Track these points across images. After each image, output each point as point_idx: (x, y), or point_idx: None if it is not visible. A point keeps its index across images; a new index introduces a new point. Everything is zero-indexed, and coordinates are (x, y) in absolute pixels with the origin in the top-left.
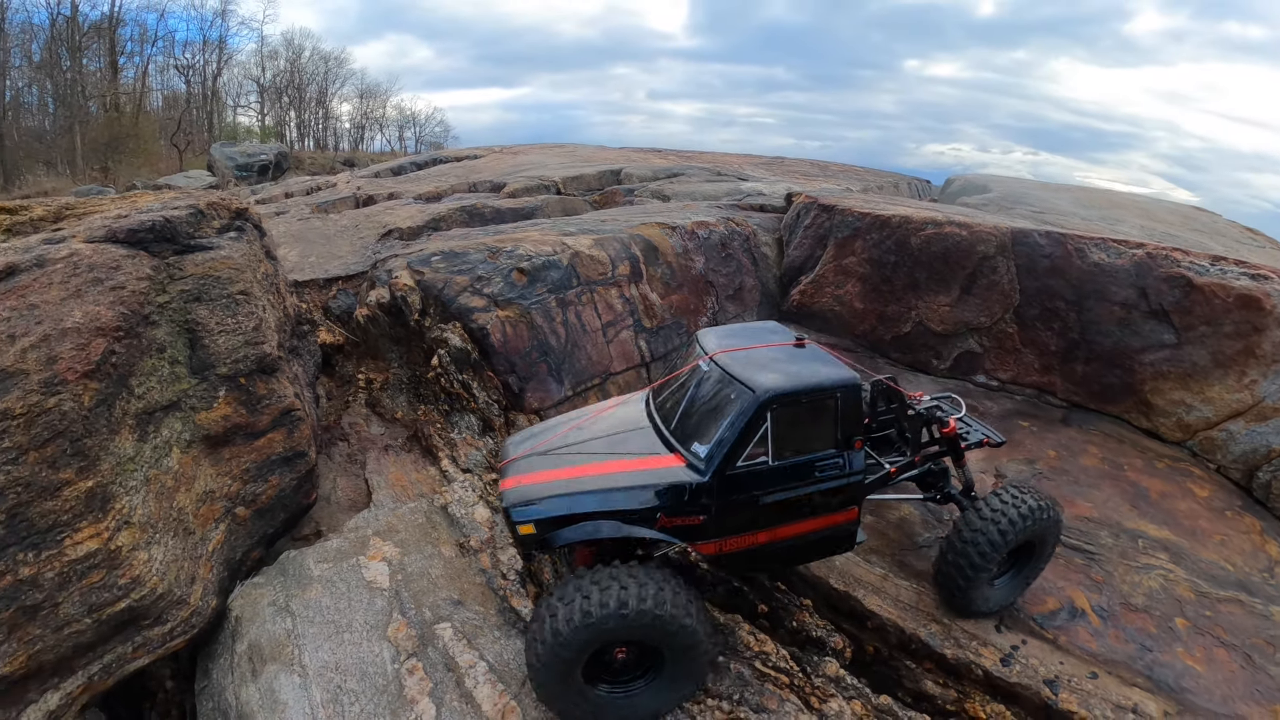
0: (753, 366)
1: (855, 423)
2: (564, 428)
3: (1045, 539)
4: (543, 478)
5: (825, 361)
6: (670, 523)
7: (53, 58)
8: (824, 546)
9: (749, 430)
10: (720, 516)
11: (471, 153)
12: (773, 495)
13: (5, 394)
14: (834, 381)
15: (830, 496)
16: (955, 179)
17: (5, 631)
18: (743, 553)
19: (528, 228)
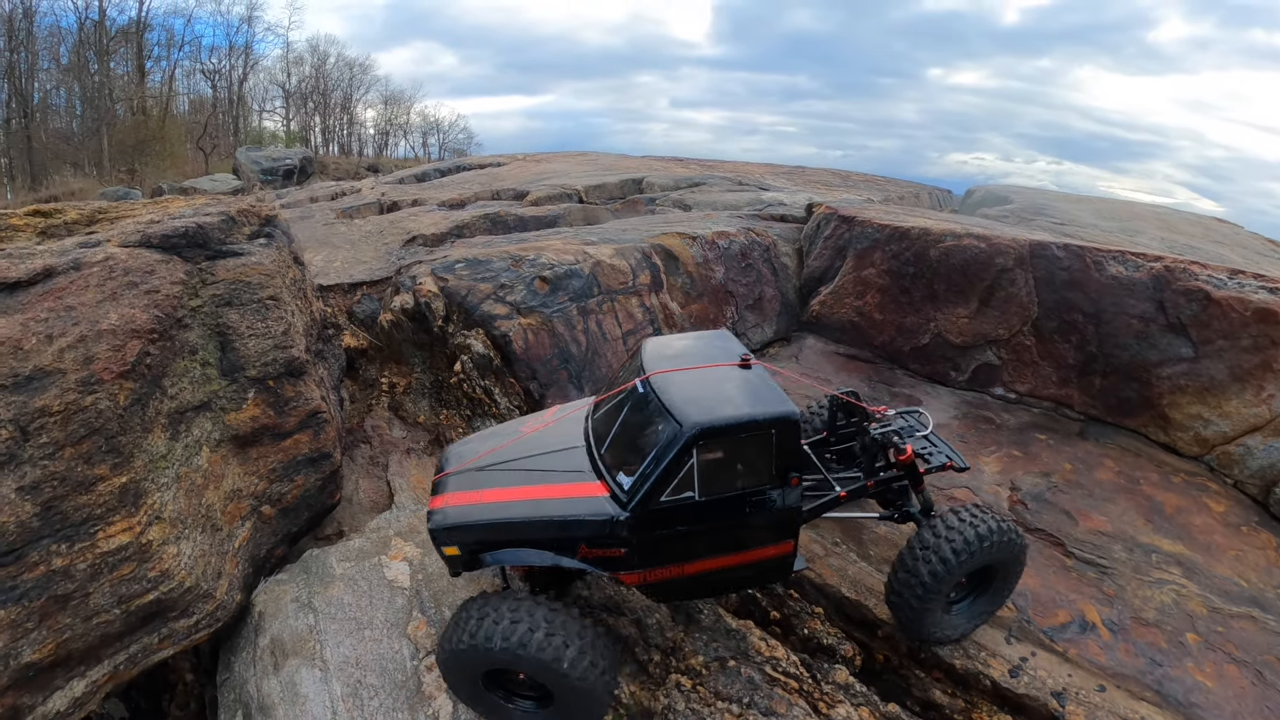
0: (685, 394)
1: (791, 457)
2: (504, 439)
3: (1008, 565)
4: (469, 499)
5: (764, 389)
6: (591, 554)
7: (80, 61)
8: (757, 578)
9: (674, 466)
10: (643, 550)
11: (495, 160)
12: (700, 530)
13: (43, 392)
14: (768, 416)
15: (763, 531)
16: (976, 190)
17: (36, 620)
18: (669, 583)
19: (550, 236)
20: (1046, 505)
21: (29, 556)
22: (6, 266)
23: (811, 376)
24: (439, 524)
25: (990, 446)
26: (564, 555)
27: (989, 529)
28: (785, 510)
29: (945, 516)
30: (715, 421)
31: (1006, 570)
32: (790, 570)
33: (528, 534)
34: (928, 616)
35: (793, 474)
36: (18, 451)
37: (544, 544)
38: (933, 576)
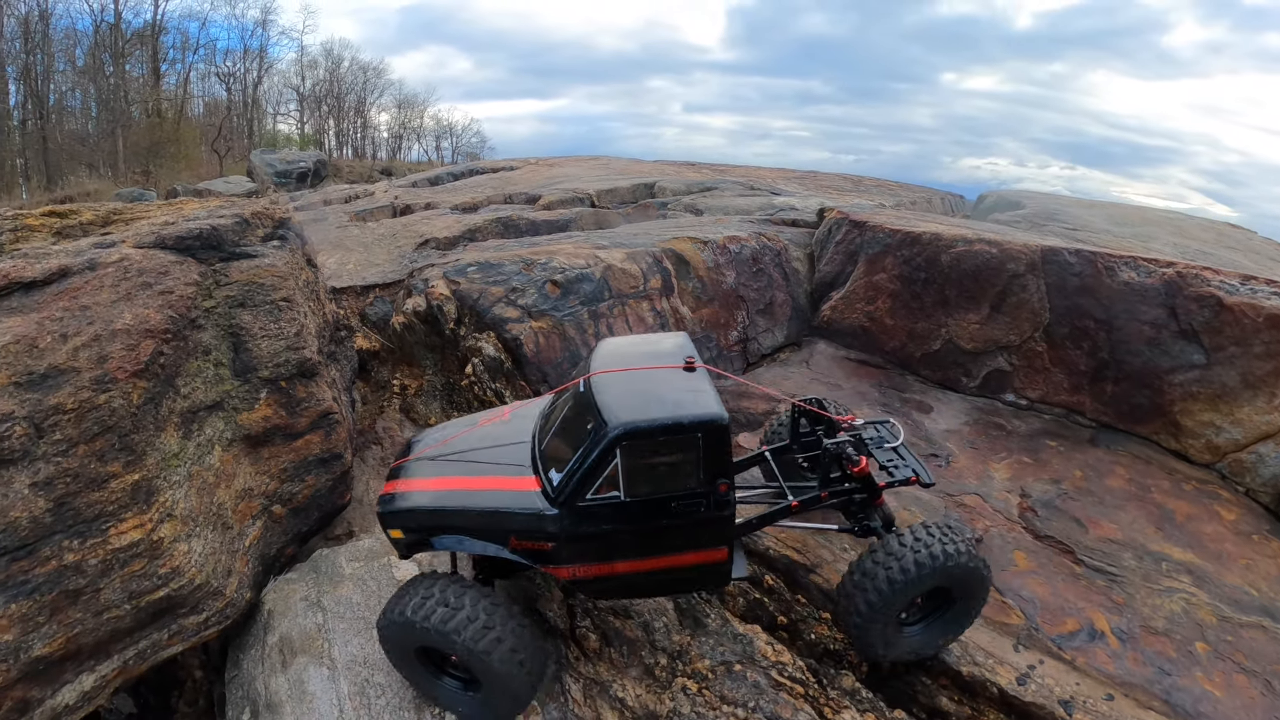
0: (617, 395)
1: (719, 462)
2: (465, 429)
3: (968, 589)
4: (416, 486)
5: (698, 393)
6: (521, 545)
7: (96, 63)
8: (692, 581)
9: (599, 465)
10: (570, 546)
11: (508, 164)
12: (627, 531)
13: (57, 390)
14: (695, 420)
15: (692, 536)
16: (988, 195)
17: (47, 614)
18: (599, 580)
19: (561, 240)
20: (1057, 512)
21: (41, 551)
22: (23, 266)
23: (776, 392)
24: (385, 508)
25: (1001, 453)
26: (496, 545)
27: (941, 552)
28: (715, 516)
29: (900, 534)
30: (640, 422)
31: (966, 596)
32: (727, 577)
33: (464, 522)
34: (874, 633)
35: (721, 480)
36: (31, 448)
37: (479, 533)
38: (878, 594)
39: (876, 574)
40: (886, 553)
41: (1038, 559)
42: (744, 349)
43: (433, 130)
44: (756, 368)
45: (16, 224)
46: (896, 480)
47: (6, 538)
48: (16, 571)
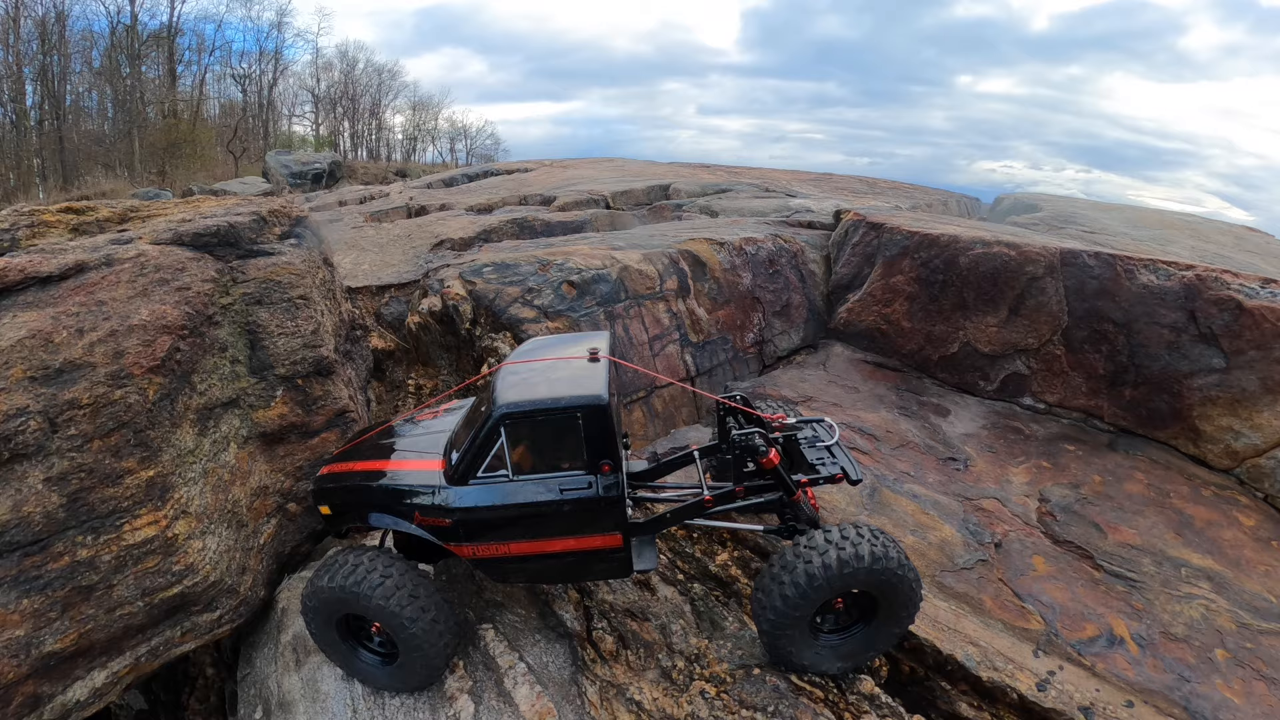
0: (512, 381)
1: (602, 443)
2: (427, 414)
3: (894, 599)
4: (348, 467)
5: (587, 378)
6: (425, 522)
7: (113, 64)
8: (592, 568)
9: (486, 444)
10: (467, 524)
11: (522, 166)
12: (516, 510)
13: (73, 384)
14: (574, 401)
15: (581, 518)
16: (1005, 197)
17: (59, 609)
18: (497, 560)
19: (577, 241)
20: (1075, 517)
21: (54, 547)
22: (39, 261)
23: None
24: (315, 486)
25: (1019, 457)
26: (404, 520)
27: (870, 553)
28: (602, 498)
29: (829, 530)
30: (522, 402)
31: (891, 607)
32: (628, 567)
33: (379, 500)
34: (787, 635)
35: (604, 460)
36: (46, 443)
37: (392, 509)
38: (794, 590)
39: (795, 568)
40: (808, 547)
41: (1057, 564)
42: (760, 351)
43: (447, 132)
44: (773, 370)
45: (33, 220)
46: (821, 477)
47: (19, 533)
48: (29, 567)
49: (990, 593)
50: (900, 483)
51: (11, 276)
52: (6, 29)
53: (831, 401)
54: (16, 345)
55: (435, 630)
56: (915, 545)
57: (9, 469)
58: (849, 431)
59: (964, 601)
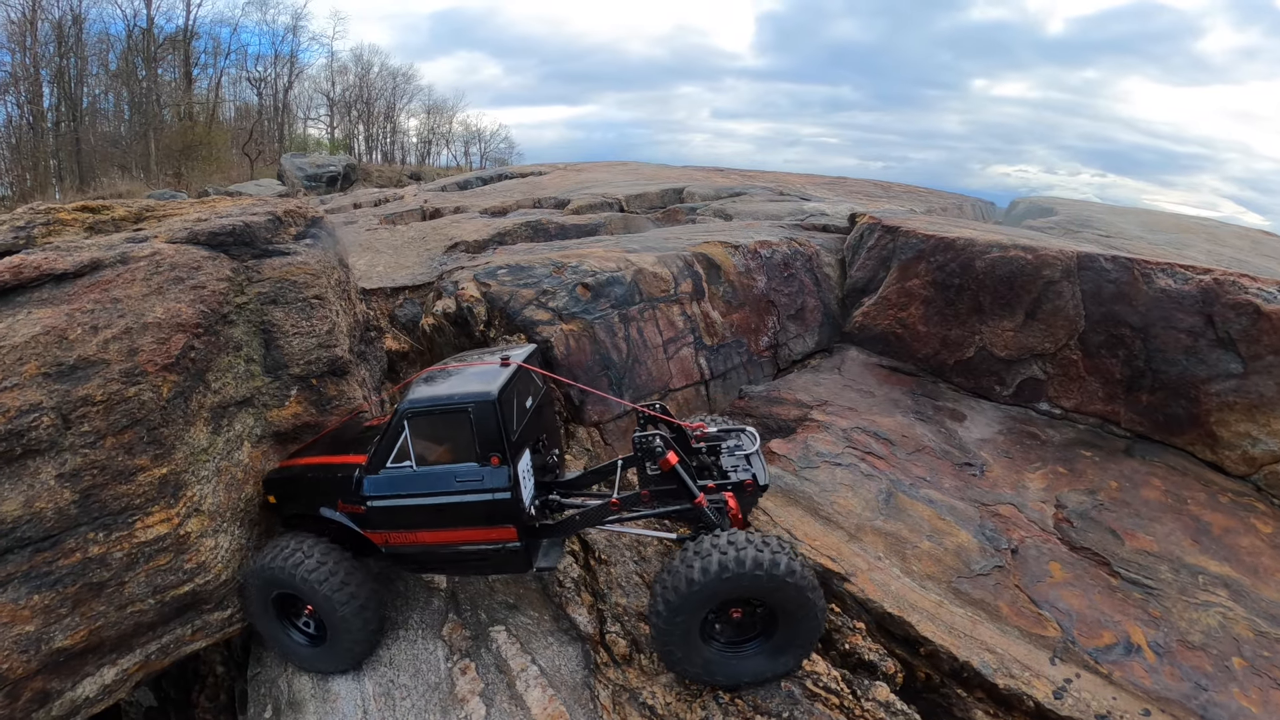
0: (424, 384)
1: (491, 439)
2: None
3: (791, 613)
4: (300, 460)
5: (485, 379)
6: (345, 509)
7: (129, 67)
8: (492, 561)
9: (394, 437)
10: (379, 512)
11: (536, 169)
12: (418, 499)
13: (86, 381)
14: (464, 398)
15: (476, 510)
16: (1020, 201)
17: (70, 606)
18: (407, 549)
19: (591, 244)
20: (1092, 524)
21: (65, 543)
22: (54, 258)
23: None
24: (266, 475)
25: (1035, 463)
26: (329, 508)
27: (755, 559)
28: (493, 489)
29: (702, 540)
30: (421, 399)
31: (789, 622)
32: (527, 563)
33: (310, 489)
34: (675, 639)
35: (493, 454)
36: (59, 439)
37: (320, 498)
38: (677, 593)
39: (679, 571)
40: (696, 550)
41: (1073, 570)
42: (775, 354)
43: (461, 136)
44: (787, 373)
45: (49, 218)
46: (728, 482)
47: (31, 528)
48: (40, 563)
49: (1007, 599)
50: (916, 488)
51: (27, 273)
52: (24, 31)
53: (847, 405)
54: (31, 341)
55: (363, 616)
56: (931, 551)
57: (21, 464)
58: (864, 435)
59: (980, 608)
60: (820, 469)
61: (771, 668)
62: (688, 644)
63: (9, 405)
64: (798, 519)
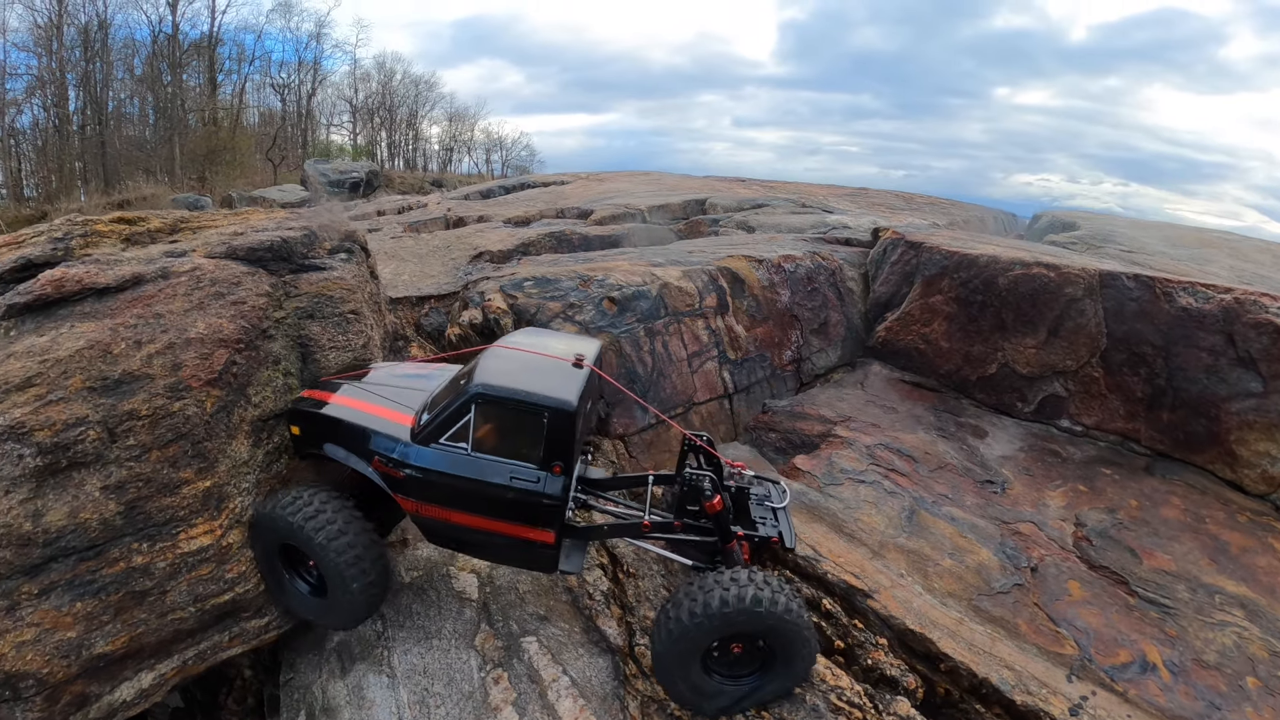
0: (497, 365)
1: (562, 447)
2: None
3: (787, 648)
4: (328, 397)
5: (563, 382)
6: (380, 469)
7: (154, 72)
8: (519, 555)
9: (455, 416)
10: (417, 481)
11: (559, 179)
12: (465, 483)
13: (131, 396)
14: (543, 400)
15: (521, 508)
16: (1042, 215)
17: (112, 613)
18: (436, 523)
19: (616, 257)
20: (1111, 542)
21: (110, 553)
22: (95, 272)
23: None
24: (294, 406)
25: (1055, 480)
26: (364, 461)
27: (755, 596)
28: (546, 495)
29: (705, 576)
30: (497, 387)
31: (785, 657)
32: (554, 564)
33: (345, 435)
34: (674, 669)
35: (556, 462)
36: (104, 452)
37: (354, 448)
38: (678, 625)
39: (682, 604)
40: (700, 585)
41: (1092, 589)
42: (798, 369)
43: (483, 143)
44: (810, 388)
45: (86, 229)
46: (756, 535)
47: (76, 538)
48: (83, 571)
49: (1025, 617)
50: (938, 505)
51: (69, 287)
52: (50, 35)
53: (870, 421)
54: (75, 355)
55: (359, 568)
56: (953, 568)
57: (66, 476)
58: (888, 452)
59: (1000, 625)
60: (844, 486)
61: (759, 697)
62: (688, 673)
63: (55, 419)
64: (822, 535)
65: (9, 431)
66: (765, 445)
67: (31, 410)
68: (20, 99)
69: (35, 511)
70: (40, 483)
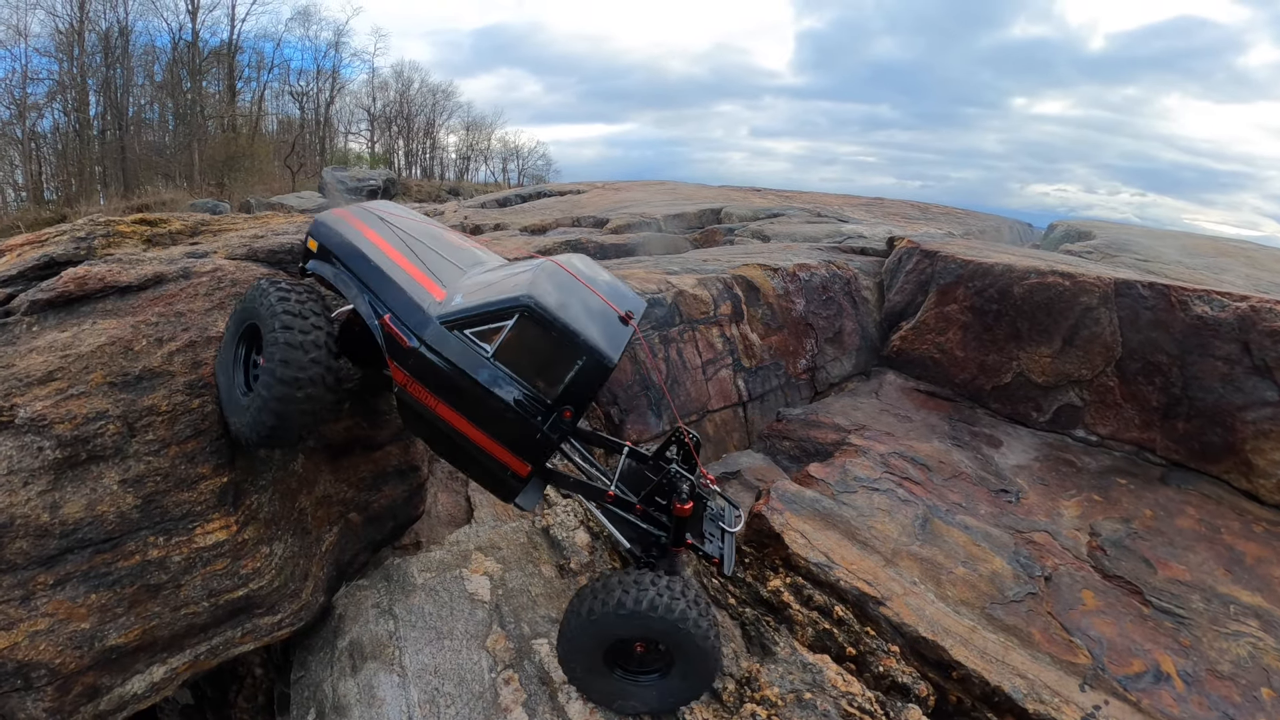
0: (551, 285)
1: (580, 396)
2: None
3: (686, 657)
4: (358, 226)
5: (611, 335)
6: (389, 328)
7: (174, 79)
8: (485, 473)
9: (493, 316)
10: (422, 357)
11: (575, 188)
12: (469, 382)
13: (151, 391)
14: (587, 344)
15: (513, 431)
16: (1057, 224)
17: (126, 606)
18: (420, 406)
19: (632, 265)
20: (1126, 552)
21: (126, 545)
22: (118, 271)
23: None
24: (321, 222)
25: (1070, 490)
26: (373, 310)
27: (632, 600)
28: (542, 432)
29: (610, 576)
30: (548, 308)
31: (684, 664)
32: (513, 493)
33: (365, 274)
34: (575, 665)
35: (569, 406)
36: (124, 446)
37: (369, 291)
38: (577, 619)
39: (587, 598)
40: (605, 582)
41: (1106, 598)
42: (812, 377)
43: (500, 152)
44: (824, 396)
45: (108, 230)
46: (701, 549)
47: (92, 530)
48: (99, 563)
49: (1039, 626)
50: (952, 514)
51: (92, 285)
52: (71, 41)
53: (884, 430)
54: (97, 351)
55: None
56: (966, 577)
57: (85, 469)
58: (902, 461)
59: (1013, 634)
60: (858, 494)
61: (662, 703)
62: (590, 666)
63: (76, 412)
64: (835, 543)
65: (30, 424)
66: (779, 453)
67: (52, 403)
68: (41, 103)
69: (53, 503)
70: (59, 475)
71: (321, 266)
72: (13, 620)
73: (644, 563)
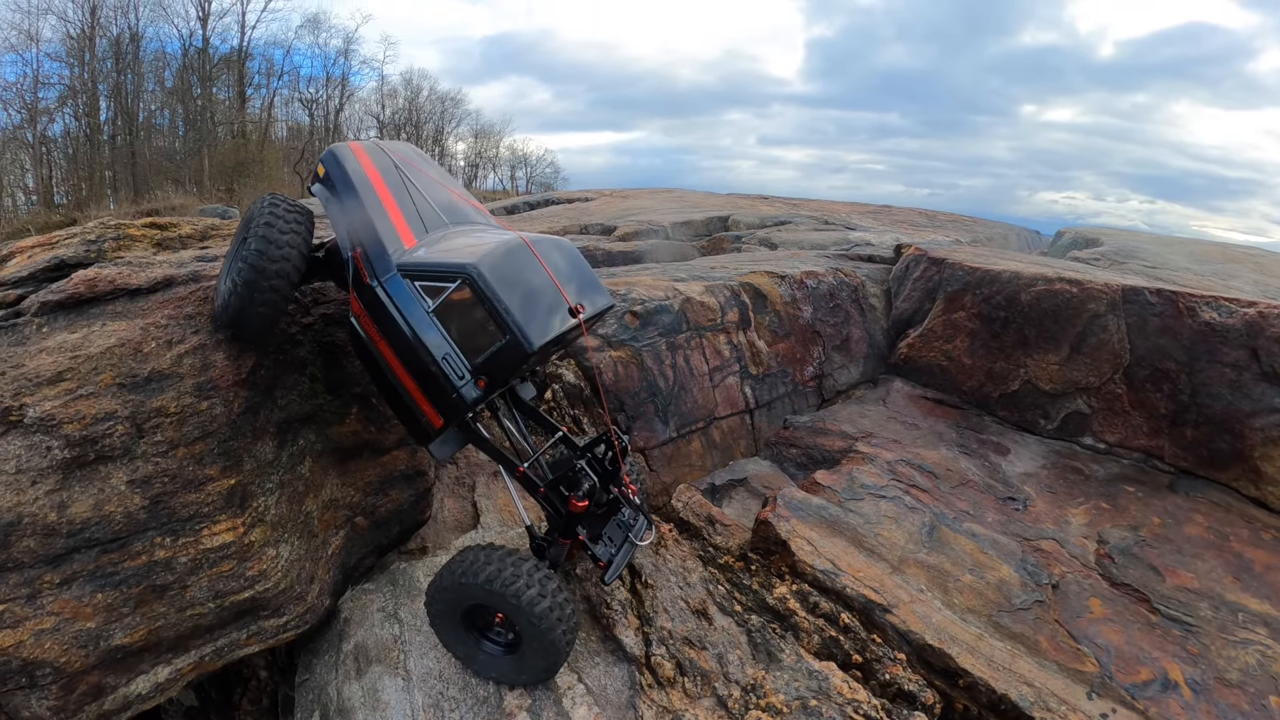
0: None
1: (501, 371)
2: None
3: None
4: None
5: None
6: (358, 261)
7: (184, 85)
8: (408, 416)
9: (441, 276)
10: (373, 296)
11: (583, 195)
12: (407, 329)
13: (160, 393)
14: (512, 326)
15: (434, 385)
16: (1065, 231)
17: (132, 606)
18: (367, 339)
19: (639, 272)
20: (1133, 560)
21: (132, 546)
22: (128, 273)
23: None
24: (331, 148)
25: (1078, 498)
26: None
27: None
28: (458, 393)
29: (468, 548)
30: (488, 283)
31: (530, 639)
32: (427, 439)
33: (352, 208)
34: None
35: (483, 377)
36: (132, 446)
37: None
38: (429, 591)
39: (458, 562)
40: (483, 553)
41: (1113, 606)
42: (819, 385)
43: (508, 160)
44: (831, 404)
45: (119, 232)
46: (590, 549)
47: (99, 530)
48: (106, 563)
49: (1046, 634)
50: (959, 521)
51: (102, 286)
52: (82, 47)
53: (891, 438)
54: (106, 353)
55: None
56: (973, 584)
57: (93, 469)
58: (909, 468)
59: (1020, 642)
60: (865, 501)
61: (514, 676)
62: (450, 626)
63: (85, 413)
64: (841, 550)
65: (39, 423)
66: (786, 461)
67: (61, 404)
68: (53, 107)
69: (61, 503)
70: (67, 474)
71: (322, 191)
72: (19, 618)
73: (535, 545)
